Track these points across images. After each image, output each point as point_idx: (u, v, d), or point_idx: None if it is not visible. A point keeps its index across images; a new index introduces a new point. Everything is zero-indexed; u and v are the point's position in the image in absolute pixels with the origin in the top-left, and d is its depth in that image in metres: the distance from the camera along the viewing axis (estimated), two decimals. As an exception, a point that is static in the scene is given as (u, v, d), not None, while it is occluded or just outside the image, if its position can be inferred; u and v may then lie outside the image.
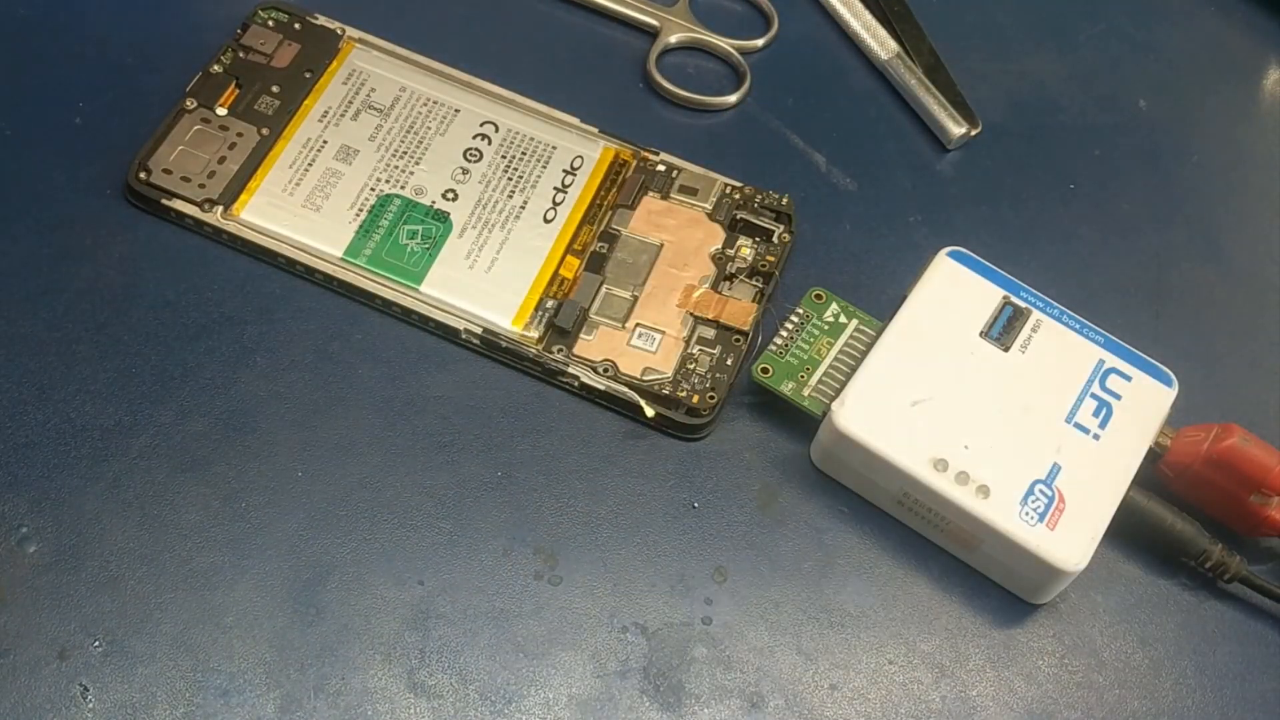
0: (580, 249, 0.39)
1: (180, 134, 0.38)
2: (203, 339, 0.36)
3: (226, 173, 0.38)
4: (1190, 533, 0.35)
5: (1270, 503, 0.35)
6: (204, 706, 0.31)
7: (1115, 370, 0.36)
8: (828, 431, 0.35)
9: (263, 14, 0.41)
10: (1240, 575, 0.35)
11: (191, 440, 0.35)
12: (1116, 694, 0.34)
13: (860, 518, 0.36)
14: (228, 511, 0.34)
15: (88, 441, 0.34)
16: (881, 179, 0.43)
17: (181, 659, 0.31)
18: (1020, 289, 0.37)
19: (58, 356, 0.35)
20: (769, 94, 0.44)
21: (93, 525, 0.33)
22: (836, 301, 0.38)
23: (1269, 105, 0.47)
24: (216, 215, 0.37)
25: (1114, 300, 0.41)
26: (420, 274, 0.37)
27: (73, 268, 0.37)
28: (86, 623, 0.32)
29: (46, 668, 0.31)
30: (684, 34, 0.44)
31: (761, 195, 0.40)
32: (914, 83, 0.44)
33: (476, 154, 0.40)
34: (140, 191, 0.37)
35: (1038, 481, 0.34)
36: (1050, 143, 0.44)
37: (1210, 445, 0.35)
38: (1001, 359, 0.36)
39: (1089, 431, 0.35)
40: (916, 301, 0.37)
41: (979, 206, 0.43)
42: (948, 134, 0.43)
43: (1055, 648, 0.35)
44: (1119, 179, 0.44)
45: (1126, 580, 0.36)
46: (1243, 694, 0.35)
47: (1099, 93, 0.46)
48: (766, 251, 0.39)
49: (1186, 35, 0.48)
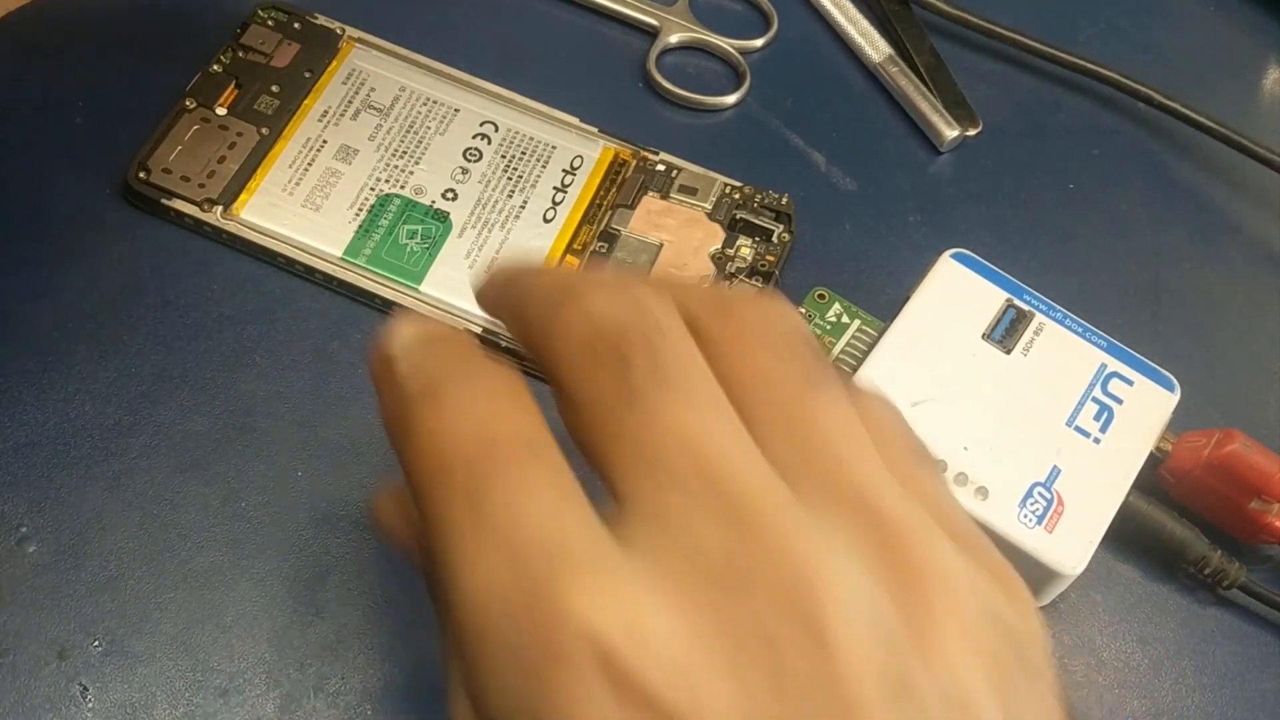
0: (580, 249, 0.39)
1: (180, 134, 0.38)
2: (203, 339, 0.36)
3: (226, 172, 0.38)
4: (1189, 538, 0.35)
5: (1270, 509, 0.35)
6: (204, 706, 0.31)
7: (1117, 374, 0.36)
8: (828, 432, 0.35)
9: (262, 14, 0.41)
10: (1239, 582, 0.35)
11: (191, 440, 0.35)
12: (1116, 694, 0.34)
13: (860, 518, 0.36)
14: (228, 511, 0.34)
15: (88, 441, 0.34)
16: (881, 179, 0.43)
17: (181, 659, 0.31)
18: (1023, 292, 0.37)
19: (57, 356, 0.35)
20: (769, 94, 0.44)
21: (93, 525, 0.33)
22: (839, 302, 0.38)
23: (1269, 105, 0.47)
24: (216, 215, 0.37)
25: (1114, 300, 0.41)
26: (420, 274, 0.37)
27: (73, 268, 0.37)
28: (86, 623, 0.32)
29: (46, 668, 0.31)
30: (684, 34, 0.44)
31: (761, 195, 0.40)
32: (907, 86, 0.44)
33: (476, 154, 0.40)
34: (140, 191, 0.37)
35: (1037, 484, 0.34)
36: (1050, 143, 0.44)
37: (1211, 451, 0.35)
38: (1003, 361, 0.36)
39: (1089, 435, 0.35)
40: (919, 302, 0.37)
41: (979, 206, 0.43)
42: (941, 137, 0.43)
43: (1054, 648, 0.35)
44: (1119, 179, 0.44)
45: (1126, 580, 0.36)
46: (1243, 694, 0.35)
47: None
48: (766, 251, 0.39)
49: (1186, 35, 0.48)
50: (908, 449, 0.22)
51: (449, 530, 0.19)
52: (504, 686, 0.18)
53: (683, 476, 0.19)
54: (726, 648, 0.18)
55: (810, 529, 0.19)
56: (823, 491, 0.20)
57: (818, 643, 0.18)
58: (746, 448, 0.20)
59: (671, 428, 0.20)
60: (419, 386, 0.21)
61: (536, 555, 0.19)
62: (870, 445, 0.21)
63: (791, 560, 0.19)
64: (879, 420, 0.22)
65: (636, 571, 0.19)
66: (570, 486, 0.20)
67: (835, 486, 0.20)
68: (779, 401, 0.21)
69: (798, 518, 0.19)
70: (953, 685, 0.19)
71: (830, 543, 0.19)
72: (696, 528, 0.19)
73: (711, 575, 0.19)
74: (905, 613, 0.19)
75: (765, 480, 0.20)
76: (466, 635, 0.19)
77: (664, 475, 0.19)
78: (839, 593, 0.19)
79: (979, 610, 0.20)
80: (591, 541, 0.19)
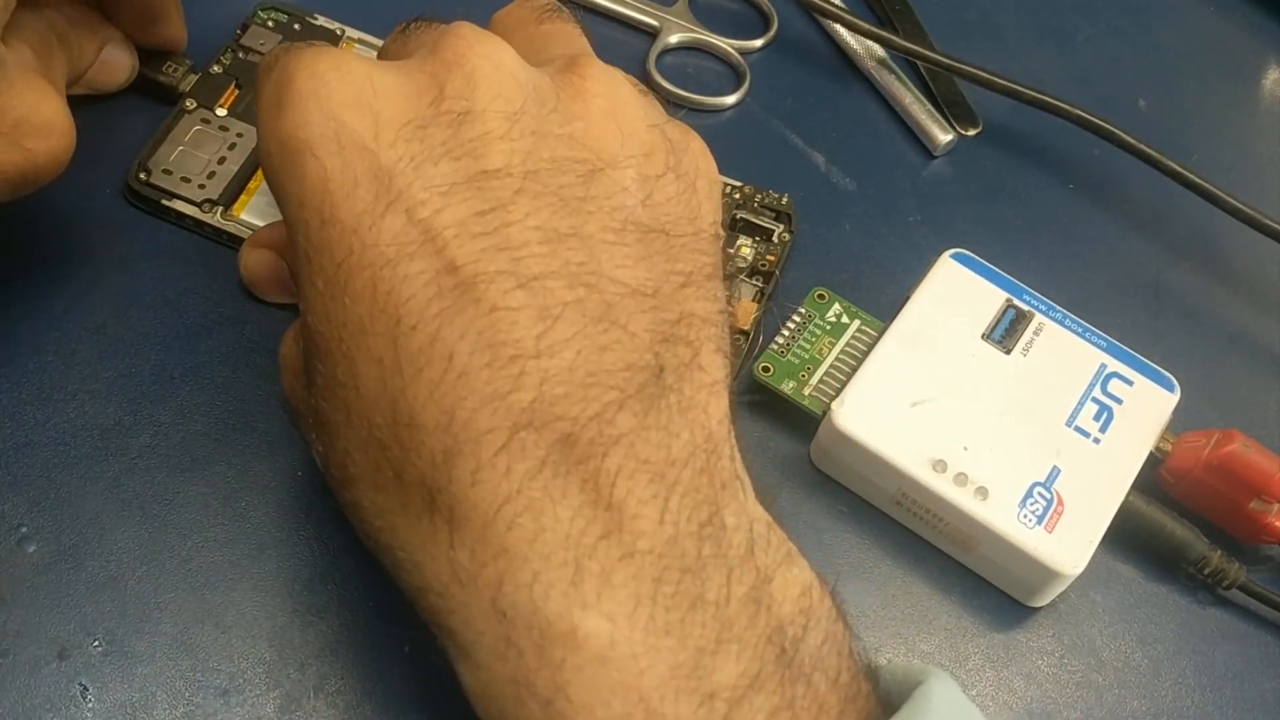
0: (580, 249, 0.39)
1: (180, 134, 0.38)
2: (203, 339, 0.36)
3: (226, 173, 0.38)
4: (1189, 538, 0.35)
5: (1270, 509, 0.35)
6: (204, 706, 0.31)
7: (1117, 375, 0.36)
8: (827, 431, 0.35)
9: (262, 14, 0.41)
10: (1239, 582, 0.35)
11: (191, 440, 0.35)
12: (1116, 694, 0.34)
13: (860, 518, 0.36)
14: (228, 511, 0.34)
15: (88, 441, 0.34)
16: (881, 178, 0.43)
17: (181, 659, 0.31)
18: (1023, 292, 0.37)
19: (58, 356, 0.35)
20: (768, 94, 0.44)
21: (93, 525, 0.33)
22: (839, 302, 0.38)
23: (1269, 105, 0.47)
24: (216, 216, 0.37)
25: (1113, 300, 0.41)
26: (420, 274, 0.37)
27: (73, 268, 0.37)
28: (86, 622, 0.32)
29: (46, 667, 0.31)
30: (684, 34, 0.44)
31: (761, 195, 0.40)
32: (902, 89, 0.44)
33: (476, 154, 0.40)
34: (140, 192, 0.37)
35: (1037, 484, 0.34)
36: (1050, 143, 0.44)
37: (1210, 451, 0.35)
38: (1003, 361, 0.36)
39: (1089, 435, 0.35)
40: (919, 302, 0.37)
41: (978, 206, 0.43)
42: (934, 141, 0.43)
43: (1054, 648, 0.35)
44: (1119, 179, 0.44)
45: (1126, 580, 0.36)
46: (1243, 694, 0.35)
47: (1099, 93, 0.46)
48: (766, 251, 0.39)
49: (1186, 35, 0.48)
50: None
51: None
52: (260, 119, 0.28)
53: (426, 37, 0.29)
54: (406, 84, 0.27)
55: (497, 39, 0.28)
56: (535, 62, 0.29)
57: (471, 84, 0.27)
58: (496, 42, 0.28)
59: (430, 29, 0.29)
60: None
61: (297, 49, 0.28)
62: (582, 41, 0.31)
63: (470, 41, 0.27)
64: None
65: (369, 59, 0.28)
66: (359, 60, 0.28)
67: (545, 57, 0.29)
68: (519, 28, 0.31)
69: (491, 35, 0.28)
70: (586, 135, 0.27)
71: (509, 47, 0.28)
72: (418, 43, 0.29)
73: (413, 57, 0.28)
74: (561, 92, 0.27)
75: (488, 35, 0.28)
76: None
77: (419, 44, 0.29)
78: (500, 58, 0.27)
79: (631, 101, 0.28)
80: (356, 57, 0.28)
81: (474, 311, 0.25)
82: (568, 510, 0.24)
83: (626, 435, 0.24)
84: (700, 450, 0.25)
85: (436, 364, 0.25)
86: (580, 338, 0.25)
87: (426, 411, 0.24)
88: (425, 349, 0.25)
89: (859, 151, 0.43)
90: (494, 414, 0.24)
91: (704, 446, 0.25)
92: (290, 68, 0.27)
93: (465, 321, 0.25)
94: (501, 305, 0.25)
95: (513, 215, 0.26)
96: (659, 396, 0.25)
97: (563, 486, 0.24)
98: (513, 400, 0.24)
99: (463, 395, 0.24)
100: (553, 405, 0.24)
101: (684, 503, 0.24)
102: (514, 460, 0.24)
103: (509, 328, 0.25)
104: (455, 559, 0.24)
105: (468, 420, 0.24)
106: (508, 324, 0.25)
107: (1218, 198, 0.41)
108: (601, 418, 0.24)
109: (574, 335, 0.25)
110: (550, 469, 0.24)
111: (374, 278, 0.25)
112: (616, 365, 0.25)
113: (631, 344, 0.25)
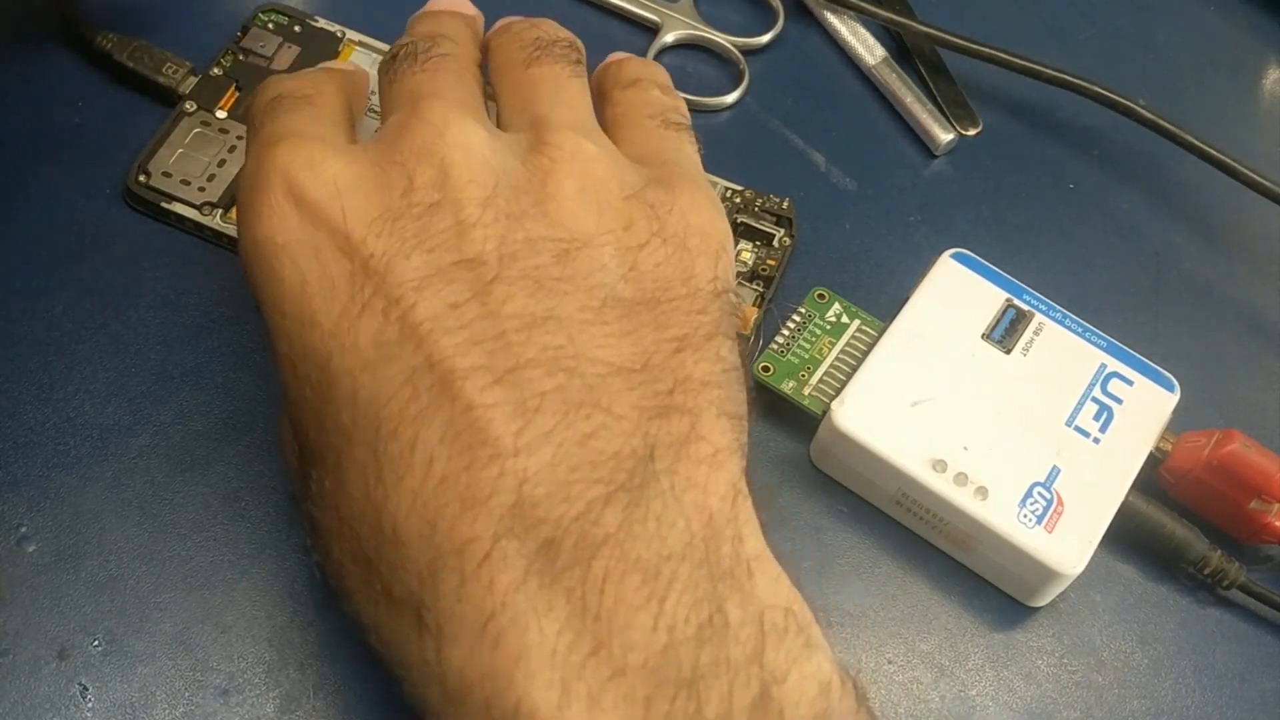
0: (580, 249, 0.39)
1: (180, 137, 0.38)
2: (203, 339, 0.36)
3: (226, 176, 0.38)
4: (1189, 538, 0.35)
5: (1270, 509, 0.35)
6: (204, 706, 0.31)
7: (1117, 374, 0.36)
8: (827, 431, 0.35)
9: (263, 16, 0.41)
10: (1239, 582, 0.35)
11: (191, 440, 0.35)
12: (1116, 694, 0.34)
13: (860, 517, 0.36)
14: (228, 511, 0.34)
15: (87, 441, 0.34)
16: (881, 178, 0.43)
17: (181, 659, 0.31)
18: (1023, 292, 0.37)
19: (58, 356, 0.35)
20: (768, 93, 0.44)
21: (92, 525, 0.33)
22: (839, 301, 0.38)
23: (1269, 105, 0.47)
24: (216, 218, 0.37)
25: (1113, 300, 0.41)
26: (420, 274, 0.37)
27: (73, 268, 0.37)
28: (86, 622, 0.32)
29: (46, 667, 0.31)
30: (685, 31, 0.44)
31: (762, 199, 0.40)
32: (903, 89, 0.44)
33: (476, 154, 0.40)
34: (140, 194, 0.37)
35: (1037, 484, 0.34)
36: (1050, 143, 0.44)
37: (1210, 451, 0.35)
38: (1003, 361, 0.36)
39: (1089, 435, 0.35)
40: (919, 302, 0.37)
41: (978, 206, 0.43)
42: (936, 141, 0.43)
43: (1054, 647, 0.35)
44: (1119, 179, 0.44)
45: (1126, 580, 0.36)
46: (1243, 694, 0.35)
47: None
48: (767, 255, 0.39)
49: (1186, 35, 0.48)
50: (618, 80, 0.33)
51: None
52: (239, 219, 0.28)
53: (401, 104, 0.29)
54: (376, 177, 0.27)
55: (468, 119, 0.28)
56: (517, 120, 0.29)
57: (442, 174, 0.26)
58: (461, 94, 0.29)
59: (409, 85, 0.30)
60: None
61: (274, 138, 0.28)
62: (566, 92, 0.30)
63: (439, 128, 0.27)
64: (609, 69, 0.34)
65: (342, 148, 0.28)
66: (332, 116, 0.30)
67: (526, 116, 0.29)
68: (507, 71, 0.31)
69: (462, 115, 0.28)
70: (560, 214, 0.27)
71: (479, 127, 0.28)
72: (391, 123, 0.28)
73: (384, 141, 0.28)
74: (532, 174, 0.27)
75: (458, 106, 0.28)
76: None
77: (394, 107, 0.29)
78: (469, 143, 0.27)
79: (605, 176, 0.28)
80: (318, 133, 0.28)
81: (450, 410, 0.24)
82: (554, 624, 0.22)
83: (614, 534, 0.23)
84: (698, 539, 0.24)
85: (417, 471, 0.24)
86: (562, 428, 0.24)
87: (409, 523, 0.24)
88: (405, 455, 0.24)
89: (859, 151, 0.43)
90: (475, 522, 0.23)
91: (702, 534, 0.24)
92: (265, 167, 0.27)
93: (444, 422, 0.24)
94: (478, 402, 0.24)
95: (489, 304, 0.25)
96: (650, 483, 0.24)
97: (548, 598, 0.23)
98: (493, 505, 0.23)
99: (444, 503, 0.23)
100: (534, 508, 0.23)
101: (680, 603, 0.23)
102: (497, 572, 0.23)
103: (486, 425, 0.24)
104: (445, 679, 0.23)
105: (450, 530, 0.23)
106: (484, 421, 0.24)
107: (1237, 170, 0.41)
108: (586, 517, 0.23)
109: (554, 426, 0.24)
110: (535, 579, 0.23)
111: (354, 384, 0.25)
112: (601, 455, 0.24)
113: (617, 428, 0.24)
